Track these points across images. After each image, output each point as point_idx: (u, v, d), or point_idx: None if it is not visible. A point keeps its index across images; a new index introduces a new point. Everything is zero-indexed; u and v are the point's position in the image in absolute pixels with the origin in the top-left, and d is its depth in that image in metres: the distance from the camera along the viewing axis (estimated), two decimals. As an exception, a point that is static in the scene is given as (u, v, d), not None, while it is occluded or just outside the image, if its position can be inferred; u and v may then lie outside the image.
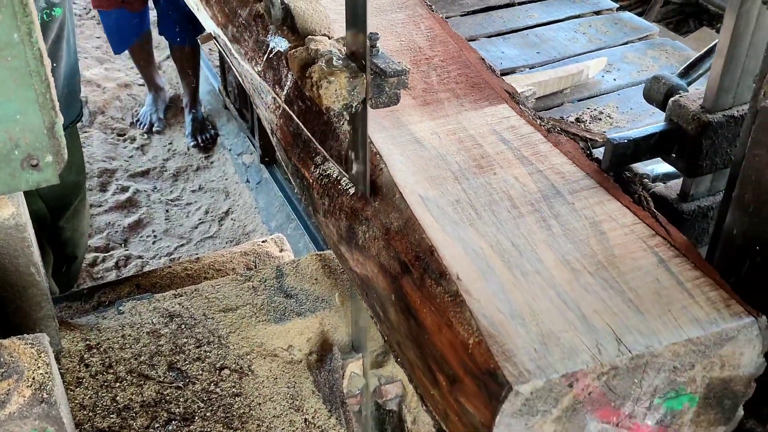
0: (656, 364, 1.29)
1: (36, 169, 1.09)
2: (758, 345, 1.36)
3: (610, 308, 1.32)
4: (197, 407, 1.79)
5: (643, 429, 1.38)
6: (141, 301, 2.04)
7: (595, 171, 1.62)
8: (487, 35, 3.02)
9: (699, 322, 1.31)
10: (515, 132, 1.72)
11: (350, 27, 1.44)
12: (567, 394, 1.24)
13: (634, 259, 1.41)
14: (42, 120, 1.05)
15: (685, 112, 1.67)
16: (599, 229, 1.48)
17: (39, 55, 1.01)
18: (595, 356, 1.24)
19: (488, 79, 1.91)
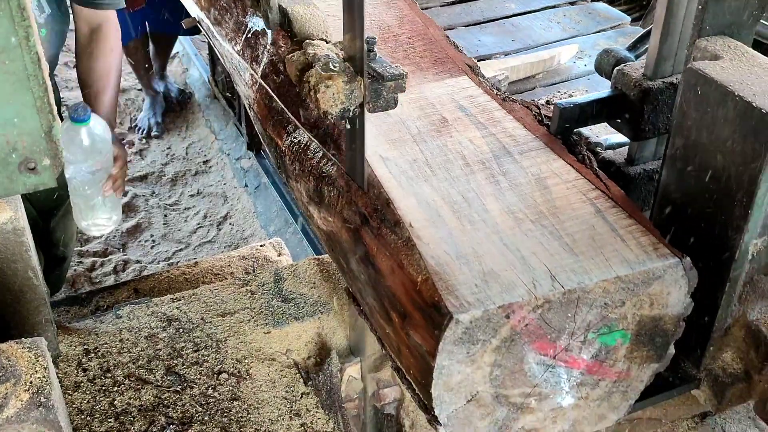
0: (588, 299, 1.39)
1: (33, 173, 1.09)
2: (684, 285, 1.47)
3: (548, 251, 1.44)
4: (195, 411, 1.79)
5: (579, 362, 1.48)
6: (139, 306, 2.04)
7: (544, 134, 1.75)
8: (465, 24, 3.15)
9: (628, 263, 1.42)
10: (473, 100, 1.85)
11: (347, 31, 1.44)
12: (505, 325, 1.35)
13: (573, 210, 1.53)
14: (39, 124, 1.06)
15: (628, 79, 1.79)
16: (543, 184, 1.60)
17: (37, 59, 1.01)
18: (531, 290, 1.35)
19: (451, 54, 2.05)
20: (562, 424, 1.58)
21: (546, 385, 1.48)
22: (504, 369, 1.41)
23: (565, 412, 1.56)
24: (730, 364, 1.71)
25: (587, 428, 1.61)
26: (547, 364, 1.46)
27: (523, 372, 1.44)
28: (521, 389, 1.46)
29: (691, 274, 1.46)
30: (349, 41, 1.46)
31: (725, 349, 1.70)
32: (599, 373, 1.52)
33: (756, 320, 1.66)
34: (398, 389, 1.99)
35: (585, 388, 1.53)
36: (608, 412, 1.60)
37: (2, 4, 0.95)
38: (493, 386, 1.43)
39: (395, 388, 1.98)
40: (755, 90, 1.46)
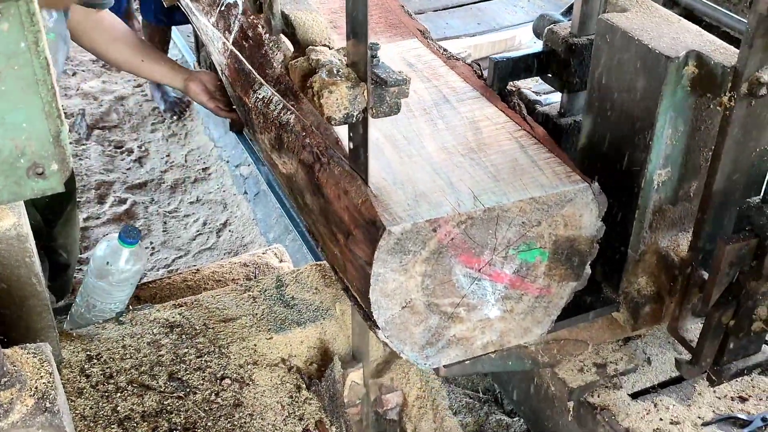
0: (506, 218, 1.58)
1: (41, 178, 1.10)
2: (594, 209, 1.65)
3: (473, 178, 1.64)
4: (198, 417, 1.79)
5: (502, 277, 1.66)
6: (141, 312, 2.04)
7: (482, 86, 1.97)
8: (435, 9, 3.31)
9: (543, 187, 1.62)
10: (420, 59, 2.09)
11: (351, 37, 1.45)
12: (432, 238, 1.53)
13: (500, 146, 1.75)
14: (48, 128, 1.06)
15: (556, 37, 2.01)
16: (476, 126, 1.81)
17: (45, 63, 1.01)
18: (455, 208, 1.54)
19: (405, 21, 2.29)
20: (490, 335, 1.75)
21: (473, 296, 1.66)
22: (434, 279, 1.59)
23: (493, 324, 1.73)
24: (644, 287, 1.88)
25: (513, 340, 1.78)
26: (473, 276, 1.63)
27: (451, 283, 1.61)
28: (451, 299, 1.64)
29: (600, 198, 1.64)
30: (352, 47, 1.46)
31: (640, 274, 1.87)
32: (521, 287, 1.70)
33: (666, 247, 1.84)
34: (401, 394, 1.99)
35: (509, 302, 1.71)
36: (533, 326, 1.77)
37: (11, 9, 0.95)
38: (425, 295, 1.60)
39: (398, 394, 1.98)
40: (653, 35, 1.67)
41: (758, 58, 1.54)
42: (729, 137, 1.63)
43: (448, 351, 1.73)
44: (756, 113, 1.63)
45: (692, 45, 1.65)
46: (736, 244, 1.63)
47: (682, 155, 1.75)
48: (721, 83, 1.60)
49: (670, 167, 1.76)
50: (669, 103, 1.66)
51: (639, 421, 1.92)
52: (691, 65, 1.64)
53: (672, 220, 1.85)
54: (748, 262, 1.66)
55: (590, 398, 1.98)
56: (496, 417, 2.86)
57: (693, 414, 1.96)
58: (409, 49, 2.13)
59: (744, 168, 1.70)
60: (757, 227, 1.63)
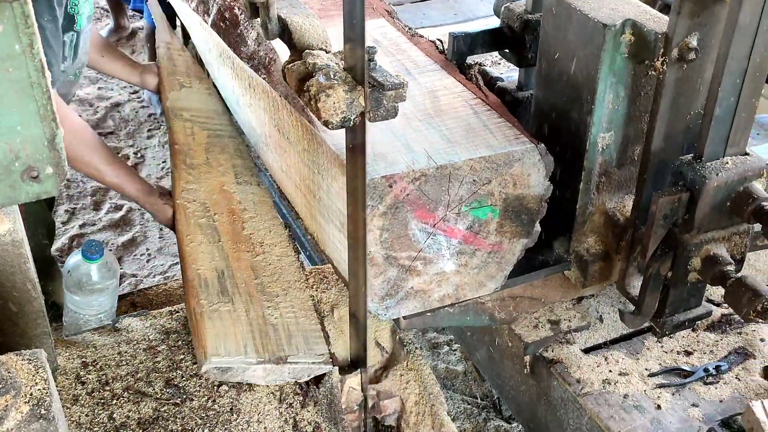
0: (458, 175, 1.70)
1: (36, 181, 1.09)
2: (542, 169, 1.78)
3: (428, 140, 1.76)
4: (195, 424, 1.77)
5: (456, 232, 1.77)
6: (137, 318, 2.03)
7: (442, 60, 2.11)
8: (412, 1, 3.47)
9: (492, 147, 1.75)
10: (386, 36, 2.24)
11: (348, 41, 1.44)
12: (389, 194, 1.66)
13: (456, 112, 1.87)
14: (43, 132, 1.05)
15: (512, 14, 2.14)
16: (434, 95, 1.94)
17: (40, 66, 1.01)
18: (409, 166, 1.67)
19: (374, 3, 2.45)
20: (446, 288, 1.86)
21: (429, 250, 1.77)
22: (391, 233, 1.71)
23: (448, 277, 1.84)
24: (593, 246, 2.00)
25: (469, 293, 1.89)
26: (429, 231, 1.75)
27: (408, 237, 1.73)
28: (408, 253, 1.75)
29: (546, 159, 1.78)
30: (349, 51, 1.46)
31: (588, 234, 1.99)
32: (475, 243, 1.81)
33: (612, 208, 1.97)
34: (398, 401, 1.98)
35: (464, 257, 1.82)
36: (486, 281, 1.89)
37: (6, 11, 0.95)
38: (383, 248, 1.71)
39: (396, 400, 1.97)
40: (593, 6, 1.79)
41: (686, 25, 1.66)
42: (663, 101, 1.74)
43: (407, 303, 1.85)
44: (687, 77, 1.74)
45: (629, 15, 1.75)
46: (669, 197, 1.75)
47: (624, 120, 1.86)
48: (654, 49, 1.71)
49: (613, 131, 1.87)
50: (608, 69, 1.77)
51: (590, 372, 2.05)
52: (628, 33, 1.74)
53: (618, 183, 1.96)
54: (681, 215, 1.78)
55: (545, 353, 2.12)
56: (494, 423, 2.85)
57: (641, 366, 2.09)
58: (376, 27, 2.29)
59: (679, 130, 1.82)
60: (689, 182, 1.76)
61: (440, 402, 1.96)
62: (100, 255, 2.00)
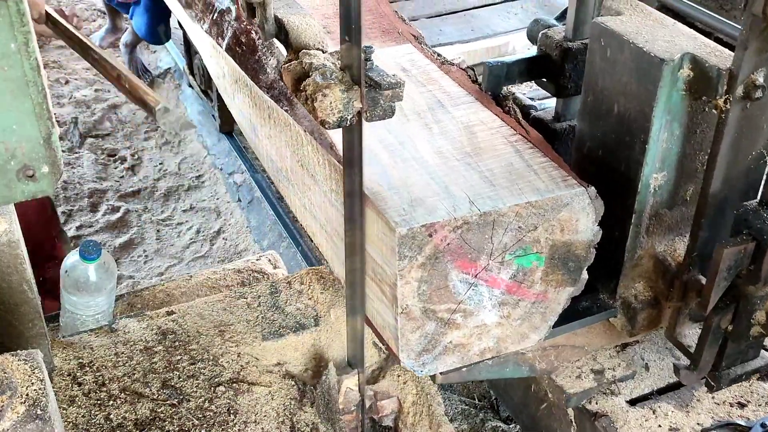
0: (503, 222, 1.57)
1: (32, 180, 1.09)
2: (591, 213, 1.64)
3: (469, 182, 1.63)
4: (192, 425, 1.77)
5: (499, 282, 1.64)
6: (134, 319, 2.02)
7: (476, 91, 1.95)
8: (428, 16, 3.31)
9: (539, 191, 1.60)
10: (414, 63, 2.08)
11: (344, 40, 1.44)
12: (428, 243, 1.52)
13: (495, 150, 1.73)
14: (38, 130, 1.05)
15: (551, 41, 2.01)
16: (471, 130, 1.79)
17: (36, 65, 1.00)
18: (451, 213, 1.53)
19: (398, 26, 2.26)
20: (487, 341, 1.73)
21: (470, 302, 1.64)
22: (430, 285, 1.58)
23: (489, 330, 1.71)
24: (641, 292, 1.88)
25: (511, 346, 1.76)
26: (470, 282, 1.62)
27: (448, 288, 1.60)
28: (447, 305, 1.62)
29: (596, 203, 1.64)
30: (346, 50, 1.46)
31: (636, 279, 1.87)
32: (518, 293, 1.68)
33: (663, 251, 1.84)
34: (396, 401, 1.98)
35: (506, 308, 1.69)
36: (530, 332, 1.76)
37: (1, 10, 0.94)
38: (421, 301, 1.59)
39: (393, 400, 1.97)
40: (647, 38, 1.67)
41: (753, 61, 1.54)
42: (725, 140, 1.62)
43: (445, 358, 1.71)
44: (752, 116, 1.62)
45: (687, 48, 1.64)
46: (734, 247, 1.61)
47: (678, 159, 1.75)
48: (717, 86, 1.60)
49: (666, 171, 1.75)
50: (664, 106, 1.65)
51: (638, 427, 1.89)
52: (686, 68, 1.63)
53: (669, 225, 1.84)
54: (746, 266, 1.64)
55: (588, 405, 1.96)
56: (492, 424, 2.85)
57: (692, 420, 1.93)
58: (403, 54, 2.12)
59: (740, 171, 1.69)
60: (754, 230, 1.61)
61: (437, 402, 1.96)
62: (98, 255, 1.99)
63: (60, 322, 2.14)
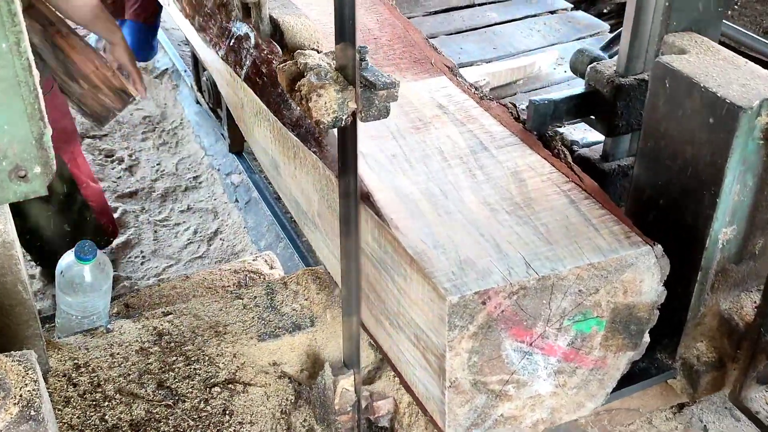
0: (562, 286, 1.43)
1: (24, 181, 1.08)
2: (657, 273, 1.50)
3: (522, 239, 1.49)
4: (187, 426, 1.76)
5: (555, 350, 1.51)
6: (129, 320, 2.02)
7: (520, 131, 1.80)
8: (448, 33, 3.19)
9: (601, 250, 1.47)
10: (451, 99, 1.93)
11: (339, 41, 1.44)
12: (481, 311, 1.39)
13: (548, 201, 1.59)
14: (30, 131, 1.05)
15: (601, 76, 1.85)
16: (519, 177, 1.66)
17: (28, 65, 1.00)
18: (506, 277, 1.40)
19: (430, 55, 2.12)
20: (541, 412, 1.61)
21: (524, 372, 1.52)
22: (482, 356, 1.45)
23: (543, 400, 1.59)
24: (704, 353, 1.74)
25: (565, 416, 1.64)
26: (524, 351, 1.50)
27: (500, 359, 1.48)
28: (499, 376, 1.50)
29: (663, 261, 1.50)
30: (340, 50, 1.45)
31: (699, 338, 1.74)
32: (576, 360, 1.56)
33: (728, 309, 1.71)
34: (392, 401, 1.97)
35: (562, 376, 1.57)
36: (586, 400, 1.63)
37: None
38: (471, 373, 1.46)
39: (389, 401, 1.96)
40: (720, 81, 1.52)
41: None
42: None
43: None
44: None
45: (764, 92, 1.50)
46: None
47: (749, 211, 1.62)
48: None
49: (736, 225, 1.62)
50: (739, 156, 1.52)
51: None
52: (765, 115, 1.50)
53: (735, 280, 1.71)
54: None
55: None
56: None
57: None
58: (438, 87, 1.98)
59: None
60: None
61: (434, 403, 1.95)
62: (93, 256, 1.99)
63: (55, 323, 2.14)
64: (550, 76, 2.93)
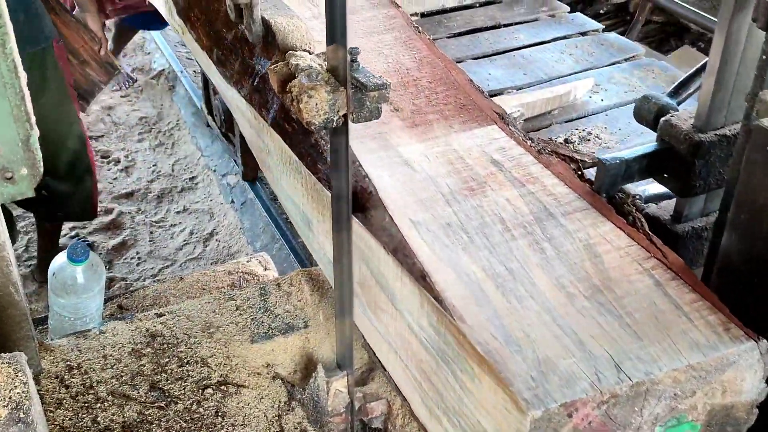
0: (657, 391, 1.27)
1: (10, 182, 1.08)
2: (759, 370, 1.34)
3: (608, 333, 1.30)
4: (180, 427, 1.76)
5: None
6: (122, 321, 2.02)
7: (587, 192, 1.61)
8: (474, 57, 3.00)
9: (699, 347, 1.29)
10: (506, 153, 1.71)
11: (330, 42, 1.44)
12: (566, 425, 1.22)
13: (630, 282, 1.40)
14: (17, 132, 1.04)
15: (676, 131, 1.67)
16: (594, 251, 1.46)
17: (13, 66, 1.00)
18: (594, 384, 1.22)
19: (477, 100, 1.90)
20: None
21: None
22: None
23: None
24: None
25: None
26: None
27: None
28: None
29: (766, 357, 1.34)
30: (332, 52, 1.45)
31: None
32: None
33: None
34: (385, 403, 1.97)
35: None
36: None
37: (-23, 11, 0.94)
38: None
39: (382, 402, 1.96)
40: None
41: None
42: None
43: None
44: None
45: None
46: None
47: None
48: None
49: None
50: None
51: None
52: None
53: None
54: None
55: None
56: None
57: None
58: (490, 140, 1.77)
59: None
60: None
61: (427, 404, 1.95)
62: (86, 257, 1.99)
63: (48, 324, 2.14)
64: (585, 105, 2.73)
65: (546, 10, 3.40)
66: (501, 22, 3.26)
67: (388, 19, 2.26)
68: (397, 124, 1.72)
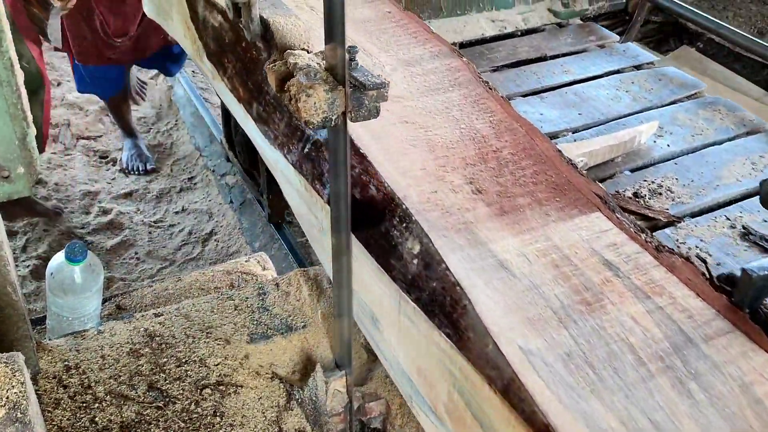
0: None
1: (7, 181, 1.08)
2: None
3: None
4: (178, 427, 1.76)
5: None
6: (121, 321, 2.01)
7: (724, 306, 1.35)
8: (522, 94, 2.75)
9: None
10: (618, 251, 1.43)
11: (329, 41, 1.43)
12: None
13: None
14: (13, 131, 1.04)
15: None
16: (752, 394, 1.20)
17: (10, 64, 0.99)
18: None
19: (571, 177, 1.61)
20: None
21: None
22: None
23: None
24: None
25: None
26: None
27: None
28: None
29: None
30: (330, 50, 1.45)
31: None
32: None
33: None
34: (384, 403, 1.97)
35: None
36: None
37: (-26, 9, 0.94)
38: None
39: (381, 402, 1.96)
40: None
41: None
42: None
43: None
44: None
45: None
46: None
47: None
48: None
49: None
50: None
51: None
52: None
53: None
54: None
55: None
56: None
57: None
58: (597, 233, 1.47)
59: None
60: None
61: (426, 404, 1.94)
62: (84, 257, 1.99)
63: (46, 324, 2.13)
64: (651, 152, 2.45)
65: (594, 39, 3.15)
66: (547, 53, 3.00)
67: (452, 72, 1.94)
68: (482, 212, 1.46)
